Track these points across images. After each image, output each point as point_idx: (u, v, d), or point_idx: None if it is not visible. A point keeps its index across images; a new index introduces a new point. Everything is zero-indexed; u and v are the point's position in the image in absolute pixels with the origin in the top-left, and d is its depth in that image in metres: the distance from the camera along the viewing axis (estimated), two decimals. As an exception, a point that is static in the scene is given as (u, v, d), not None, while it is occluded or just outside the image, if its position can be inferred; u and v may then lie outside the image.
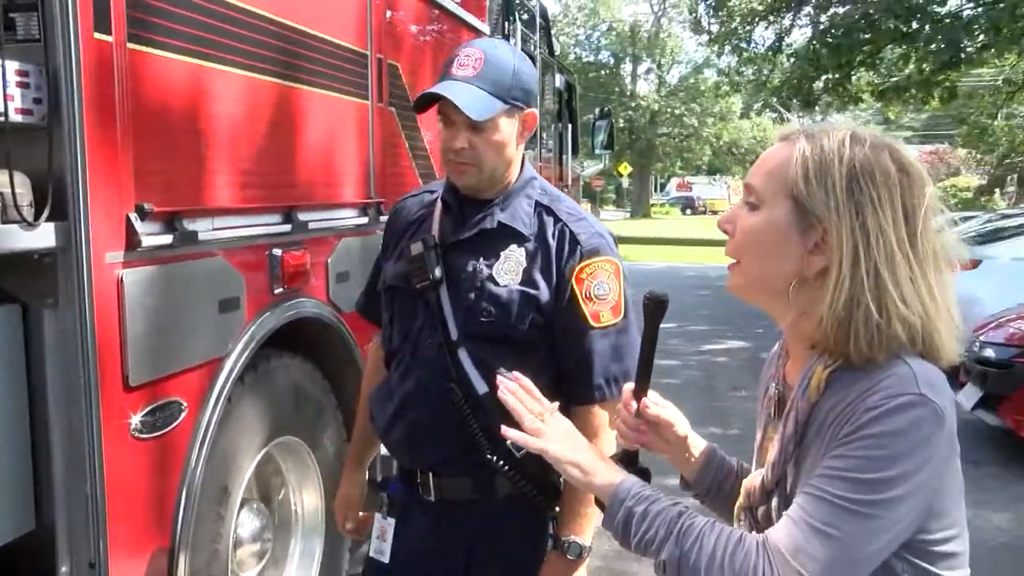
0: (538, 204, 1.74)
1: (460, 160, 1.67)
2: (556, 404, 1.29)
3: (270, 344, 2.45)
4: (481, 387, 1.66)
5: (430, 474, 1.76)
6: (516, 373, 1.32)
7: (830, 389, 1.09)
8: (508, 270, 1.68)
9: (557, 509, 1.76)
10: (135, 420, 1.92)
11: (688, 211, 52.53)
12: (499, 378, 1.29)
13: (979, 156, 25.24)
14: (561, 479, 1.75)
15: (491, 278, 1.68)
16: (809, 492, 1.03)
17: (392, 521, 1.86)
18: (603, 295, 1.69)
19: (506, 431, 1.25)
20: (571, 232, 1.70)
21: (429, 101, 1.66)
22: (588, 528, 1.72)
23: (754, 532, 1.19)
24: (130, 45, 1.86)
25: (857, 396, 1.04)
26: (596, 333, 1.68)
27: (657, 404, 1.34)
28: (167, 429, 2.03)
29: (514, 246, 1.70)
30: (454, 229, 1.74)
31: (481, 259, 1.70)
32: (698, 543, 1.07)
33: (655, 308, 1.27)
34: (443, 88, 1.62)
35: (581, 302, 1.68)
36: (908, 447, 1.00)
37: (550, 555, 1.74)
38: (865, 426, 1.01)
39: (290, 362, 2.64)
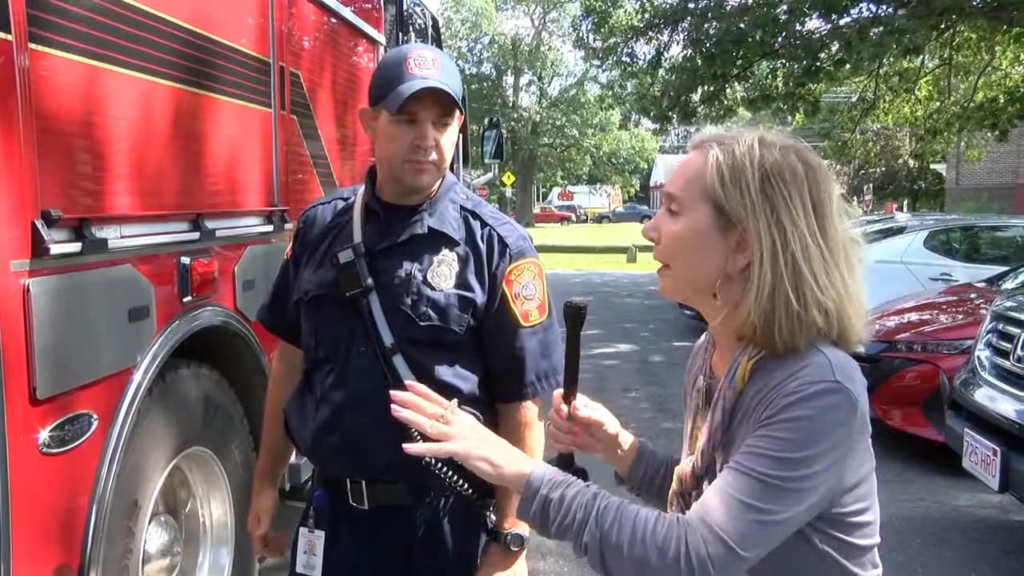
0: (463, 209, 1.76)
1: (426, 159, 1.66)
2: (455, 401, 1.27)
3: (178, 353, 2.40)
4: None
5: (363, 482, 1.73)
6: (409, 382, 1.29)
7: (753, 378, 1.17)
8: (442, 274, 1.69)
9: (494, 505, 1.78)
10: (43, 435, 1.85)
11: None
12: (392, 394, 1.25)
13: (839, 167, 26.95)
14: None
15: (426, 282, 1.69)
16: (733, 468, 1.11)
17: (321, 534, 1.80)
18: (530, 295, 1.74)
19: (408, 447, 1.20)
20: (499, 236, 1.74)
21: (406, 96, 1.60)
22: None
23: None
24: (32, 45, 1.80)
25: (777, 383, 1.13)
26: (526, 332, 1.73)
27: (587, 406, 1.40)
28: (76, 443, 1.96)
29: (446, 250, 1.71)
30: (380, 236, 1.73)
31: (414, 264, 1.70)
32: (617, 522, 1.10)
33: (575, 315, 1.33)
34: (427, 83, 1.61)
35: (511, 303, 1.72)
36: (823, 429, 1.09)
37: (490, 548, 1.76)
38: (785, 410, 1.10)
39: (198, 371, 2.59)
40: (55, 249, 1.83)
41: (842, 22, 10.73)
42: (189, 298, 2.43)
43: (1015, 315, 4.23)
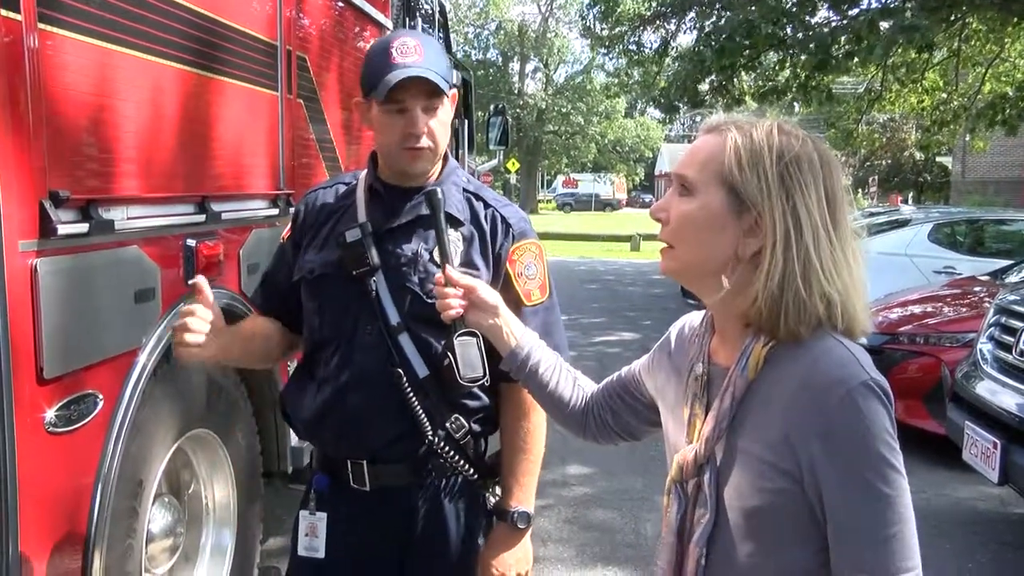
0: (466, 191, 1.79)
1: (420, 145, 1.68)
2: None
3: (183, 336, 2.40)
4: (422, 370, 1.69)
5: (364, 463, 1.75)
6: None
7: (768, 366, 1.17)
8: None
9: (494, 487, 1.81)
10: (50, 414, 1.87)
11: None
12: None
13: (844, 158, 26.85)
14: (496, 457, 1.82)
15: (433, 260, 1.70)
16: (843, 530, 1.13)
17: (323, 516, 1.81)
18: (532, 275, 1.77)
19: None
20: (502, 216, 1.77)
21: (391, 86, 1.63)
22: (532, 497, 1.79)
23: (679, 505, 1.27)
24: (41, 25, 1.80)
25: (811, 387, 1.13)
26: (528, 311, 1.75)
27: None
28: (82, 423, 1.98)
29: (450, 230, 1.72)
30: (385, 217, 1.75)
31: (420, 243, 1.73)
32: None
33: (432, 198, 1.61)
34: (409, 72, 1.63)
35: (515, 282, 1.75)
36: (879, 432, 1.13)
37: (497, 527, 1.78)
38: (853, 438, 1.12)
39: (203, 354, 2.59)
40: (63, 230, 1.83)
41: (852, 12, 10.67)
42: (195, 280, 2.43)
43: (1019, 309, 4.23)
